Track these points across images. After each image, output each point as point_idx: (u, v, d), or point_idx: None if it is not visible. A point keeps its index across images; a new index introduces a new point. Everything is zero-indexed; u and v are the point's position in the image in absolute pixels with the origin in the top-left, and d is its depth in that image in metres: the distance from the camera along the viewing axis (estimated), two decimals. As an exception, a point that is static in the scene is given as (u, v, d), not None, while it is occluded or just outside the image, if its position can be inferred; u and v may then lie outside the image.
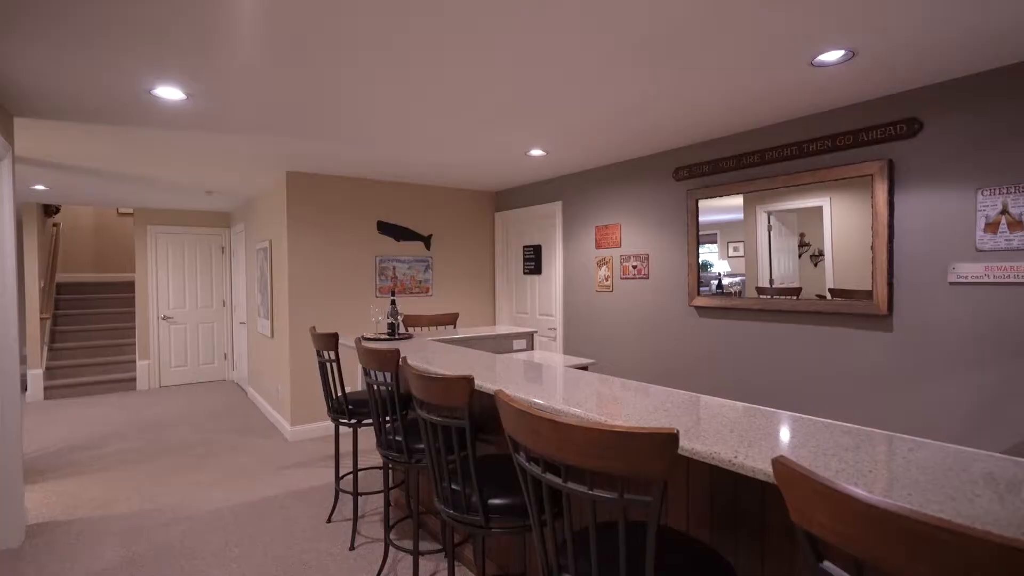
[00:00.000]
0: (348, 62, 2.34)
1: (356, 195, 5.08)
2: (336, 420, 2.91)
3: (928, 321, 2.68)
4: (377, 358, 2.14)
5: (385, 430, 2.30)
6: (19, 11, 1.87)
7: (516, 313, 5.77)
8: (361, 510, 3.27)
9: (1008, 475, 0.96)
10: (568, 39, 2.14)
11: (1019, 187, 2.38)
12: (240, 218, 6.89)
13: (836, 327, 3.06)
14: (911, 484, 0.93)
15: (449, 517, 1.64)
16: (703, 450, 1.13)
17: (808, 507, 0.70)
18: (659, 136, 3.64)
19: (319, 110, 3.00)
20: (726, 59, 2.35)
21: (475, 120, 3.23)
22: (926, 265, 2.68)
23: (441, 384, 1.56)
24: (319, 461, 4.18)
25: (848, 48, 2.24)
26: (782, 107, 3.01)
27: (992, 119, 2.46)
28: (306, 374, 4.81)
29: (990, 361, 2.48)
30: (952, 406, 2.61)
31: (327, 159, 4.26)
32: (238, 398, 6.48)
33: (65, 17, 1.92)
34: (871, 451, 1.10)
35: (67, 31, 2.02)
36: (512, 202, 5.75)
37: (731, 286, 3.60)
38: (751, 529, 1.34)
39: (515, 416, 1.12)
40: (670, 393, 1.65)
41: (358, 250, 5.09)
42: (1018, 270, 2.38)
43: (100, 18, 1.93)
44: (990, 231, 2.47)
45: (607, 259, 4.56)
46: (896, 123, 2.76)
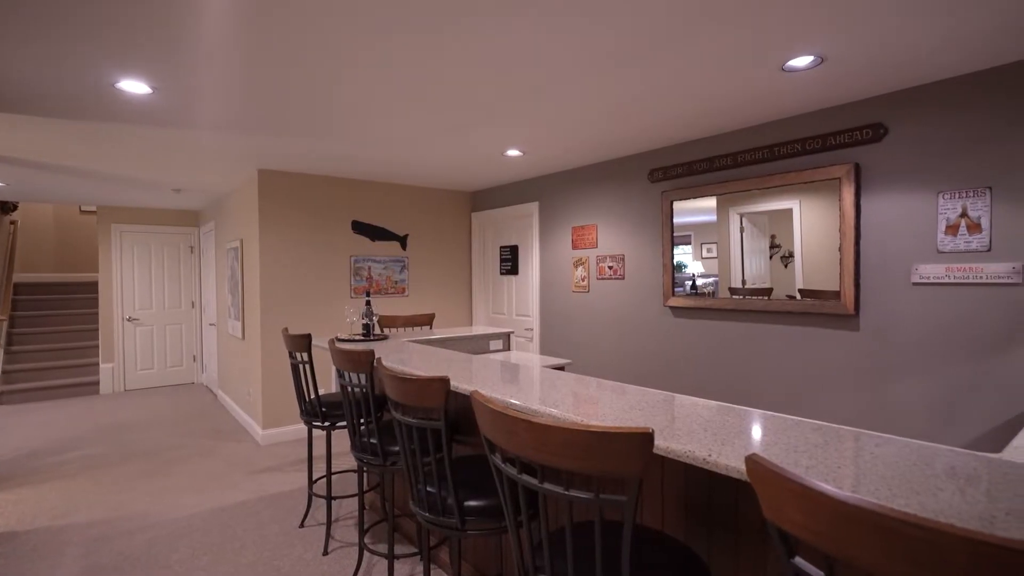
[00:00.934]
0: (321, 58, 2.30)
1: (330, 194, 5.00)
2: (309, 423, 2.85)
3: (893, 320, 2.76)
4: (351, 359, 2.11)
5: (359, 432, 2.27)
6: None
7: (493, 313, 5.76)
8: (335, 514, 3.22)
9: (969, 469, 0.99)
10: (544, 41, 2.14)
11: (977, 191, 2.47)
12: (210, 217, 6.72)
13: (806, 327, 3.13)
14: (878, 479, 0.95)
15: (425, 520, 1.62)
16: (678, 449, 1.14)
17: (780, 504, 0.70)
18: (634, 138, 3.67)
19: (291, 107, 2.95)
20: (699, 63, 2.38)
21: (451, 120, 3.21)
22: (890, 266, 2.76)
23: (416, 385, 1.54)
24: (291, 465, 4.10)
25: (817, 54, 2.30)
26: (754, 111, 3.07)
27: (952, 126, 2.55)
28: (278, 376, 4.71)
29: (951, 359, 2.57)
30: (916, 402, 2.69)
31: (300, 157, 4.19)
32: (207, 401, 6.31)
33: (21, 4, 1.84)
34: (839, 448, 1.13)
35: (24, 20, 1.94)
36: (489, 202, 5.74)
37: (705, 287, 3.66)
38: (725, 526, 1.35)
39: (491, 417, 1.11)
40: (645, 393, 1.66)
41: (332, 250, 5.02)
42: (976, 271, 2.48)
43: (59, 6, 1.85)
44: (950, 233, 2.55)
45: (583, 260, 4.58)
46: (862, 128, 2.84)
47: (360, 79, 2.55)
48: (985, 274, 2.45)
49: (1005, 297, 2.41)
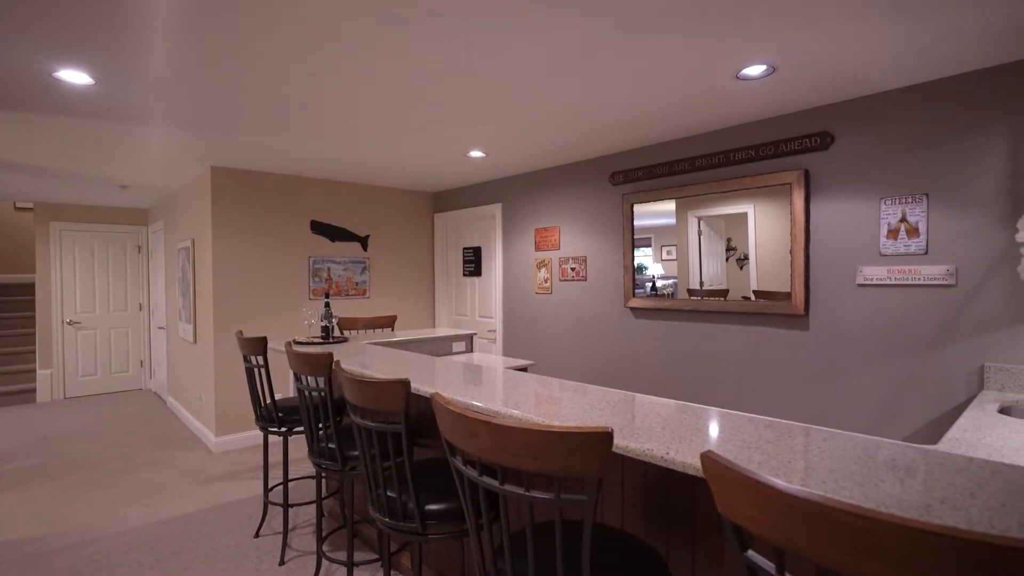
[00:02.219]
0: (275, 52, 2.24)
1: (288, 193, 4.87)
2: (265, 429, 2.76)
3: (839, 320, 2.89)
4: (309, 362, 2.05)
5: (318, 438, 2.21)
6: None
7: (456, 315, 5.72)
8: (292, 522, 3.12)
9: (908, 461, 1.04)
10: (504, 41, 2.15)
11: (915, 197, 2.62)
12: (159, 215, 6.44)
13: (759, 326, 3.24)
14: (825, 472, 0.99)
15: (385, 525, 1.59)
16: (637, 447, 1.15)
17: (733, 498, 0.72)
18: (596, 141, 3.72)
19: (245, 102, 2.85)
20: (657, 68, 2.43)
21: (413, 119, 3.18)
22: (837, 268, 2.89)
23: (376, 388, 1.51)
24: (246, 473, 3.96)
25: (769, 64, 2.38)
26: (711, 117, 3.16)
27: (892, 135, 2.70)
28: (232, 381, 4.55)
29: (892, 356, 2.71)
30: (861, 398, 2.82)
31: (256, 154, 4.06)
32: (156, 408, 6.04)
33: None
34: (790, 443, 1.17)
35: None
36: (452, 203, 5.71)
37: (664, 288, 3.74)
38: (682, 522, 1.38)
39: (451, 419, 1.10)
40: (606, 393, 1.68)
41: (290, 250, 4.88)
42: (915, 272, 2.62)
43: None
44: (891, 237, 2.69)
45: (546, 261, 4.61)
46: (811, 136, 2.96)
47: (317, 76, 2.49)
48: (922, 276, 2.60)
49: (940, 298, 2.56)
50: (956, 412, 2.53)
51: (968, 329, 2.48)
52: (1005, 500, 0.85)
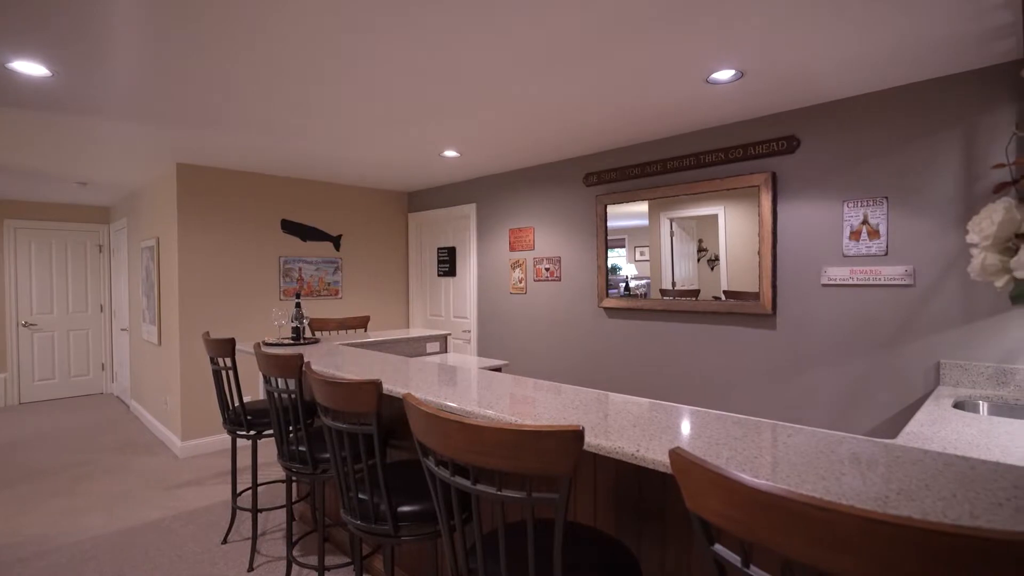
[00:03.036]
0: (243, 48, 2.19)
1: (258, 191, 4.76)
2: (233, 432, 2.70)
3: (805, 319, 2.97)
4: (278, 364, 2.01)
5: (288, 441, 2.17)
6: None
7: (430, 315, 5.69)
8: (262, 527, 3.06)
9: (868, 454, 1.08)
10: (475, 41, 2.15)
11: (876, 200, 2.71)
12: (122, 213, 6.23)
13: (729, 326, 3.30)
14: (789, 467, 1.02)
15: (357, 528, 1.57)
16: (608, 445, 1.16)
17: (701, 494, 0.74)
18: (570, 142, 3.75)
19: (212, 97, 2.78)
20: (629, 70, 2.47)
21: (384, 118, 3.14)
22: (803, 269, 2.97)
23: (347, 389, 1.49)
24: (214, 478, 3.86)
25: (737, 69, 2.44)
26: (682, 120, 3.21)
27: (855, 140, 2.79)
28: (199, 384, 4.43)
29: (855, 354, 2.80)
30: (825, 394, 2.91)
31: (224, 151, 3.96)
32: (119, 413, 5.84)
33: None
34: (757, 439, 1.19)
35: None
36: (426, 203, 5.67)
37: (637, 288, 3.79)
38: (653, 519, 1.40)
39: (423, 419, 1.10)
40: (579, 392, 1.69)
41: (260, 250, 4.78)
42: (876, 273, 2.71)
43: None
44: (854, 239, 2.78)
45: (521, 261, 4.62)
46: (778, 139, 3.04)
47: (286, 73, 2.45)
48: (883, 276, 2.69)
49: (899, 297, 2.65)
50: (914, 407, 2.63)
51: (925, 327, 2.58)
52: (956, 490, 0.89)
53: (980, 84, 2.42)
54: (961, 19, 1.99)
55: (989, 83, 2.40)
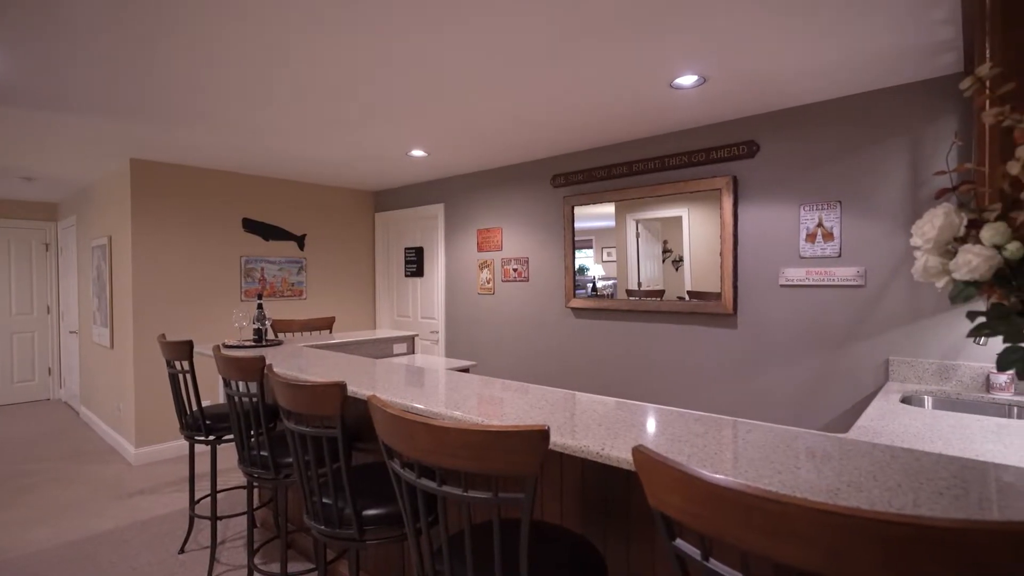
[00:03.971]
0: (201, 40, 2.12)
1: (218, 189, 4.62)
2: (191, 438, 2.61)
3: (764, 319, 3.07)
4: (238, 367, 1.96)
5: (249, 446, 2.11)
6: None
7: (397, 316, 5.63)
8: (221, 535, 2.97)
9: (822, 449, 1.12)
10: (438, 42, 2.14)
11: (830, 204, 2.82)
12: (71, 210, 5.94)
13: (693, 325, 3.38)
14: (747, 462, 1.05)
15: (321, 533, 1.54)
16: (574, 445, 1.18)
17: (662, 490, 0.75)
18: (537, 144, 3.77)
19: (168, 91, 2.69)
20: (594, 73, 2.50)
21: (349, 116, 3.10)
22: (762, 270, 3.07)
23: (310, 392, 1.47)
24: (170, 486, 3.72)
25: (700, 74, 2.50)
26: (647, 123, 3.27)
27: (811, 146, 2.89)
28: (154, 388, 4.26)
29: (810, 352, 2.91)
30: (783, 391, 3.01)
31: (181, 147, 3.83)
32: (67, 420, 5.56)
33: None
34: (717, 435, 1.23)
35: None
36: (393, 203, 5.61)
37: (604, 288, 3.84)
38: (618, 516, 1.42)
39: (388, 421, 1.08)
40: (546, 392, 1.70)
41: (220, 249, 4.63)
42: (830, 274, 2.82)
43: None
44: (809, 241, 2.89)
45: (489, 262, 4.62)
46: (739, 144, 3.13)
47: (247, 67, 2.38)
48: (836, 277, 2.80)
49: (851, 297, 2.77)
50: (865, 402, 2.75)
51: (875, 326, 2.70)
52: (902, 481, 0.93)
53: (925, 95, 2.55)
54: (908, 32, 2.09)
55: (933, 94, 2.53)
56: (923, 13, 1.95)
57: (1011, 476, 0.94)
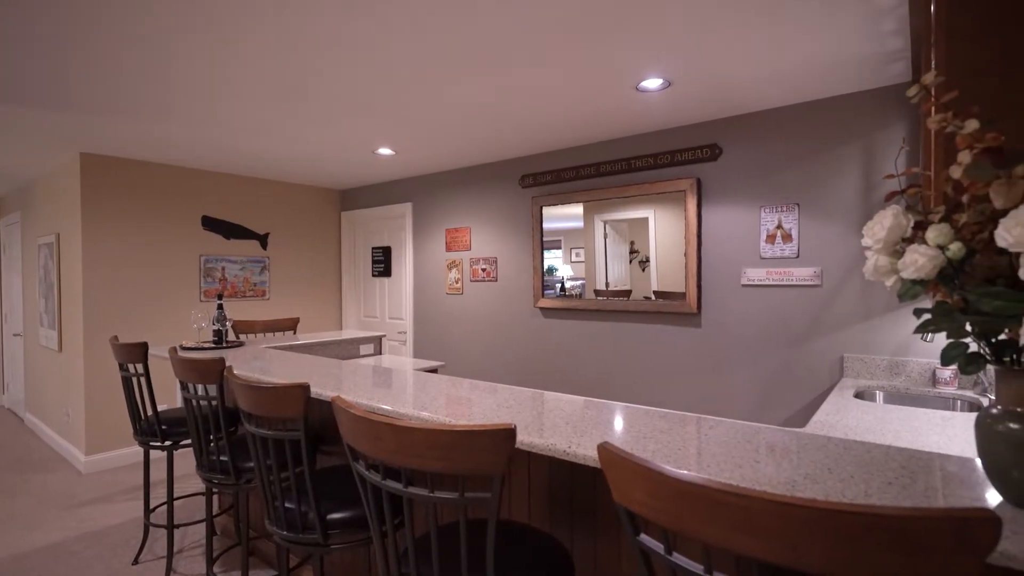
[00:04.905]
0: (157, 29, 2.04)
1: (176, 185, 4.45)
2: (146, 444, 2.51)
3: (727, 318, 3.15)
4: (196, 369, 1.89)
5: (208, 450, 2.04)
6: None
7: (364, 317, 5.54)
8: (179, 544, 2.86)
9: (782, 443, 1.15)
10: (402, 39, 2.12)
11: (789, 206, 2.91)
12: (14, 206, 5.63)
13: (659, 324, 3.44)
14: (710, 457, 1.08)
15: (283, 539, 1.50)
16: (541, 443, 1.18)
17: (627, 486, 0.76)
18: (505, 144, 3.77)
19: (121, 81, 2.58)
20: (561, 74, 2.52)
21: (313, 112, 3.03)
22: (725, 270, 3.15)
23: (271, 394, 1.43)
24: (124, 494, 3.57)
25: (665, 78, 2.55)
26: (614, 125, 3.31)
27: (770, 149, 2.98)
28: (106, 393, 4.08)
29: (771, 349, 3.00)
30: (745, 387, 3.09)
31: (136, 141, 3.67)
32: (10, 427, 5.27)
33: None
34: (682, 432, 1.25)
35: None
36: (360, 201, 5.52)
37: (573, 289, 3.87)
38: (585, 514, 1.43)
39: (353, 423, 1.07)
40: (514, 391, 1.70)
41: (178, 248, 4.47)
42: (789, 274, 2.91)
43: None
44: (770, 242, 2.98)
45: (457, 262, 4.60)
46: (702, 147, 3.20)
47: (207, 60, 2.31)
48: (794, 277, 2.90)
49: (809, 296, 2.87)
50: (822, 397, 2.85)
51: (831, 324, 2.80)
52: (855, 472, 0.97)
53: (877, 102, 2.66)
54: (861, 43, 2.18)
55: (884, 102, 2.64)
56: (874, 25, 2.03)
57: (954, 466, 0.99)
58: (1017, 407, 0.80)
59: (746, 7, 1.90)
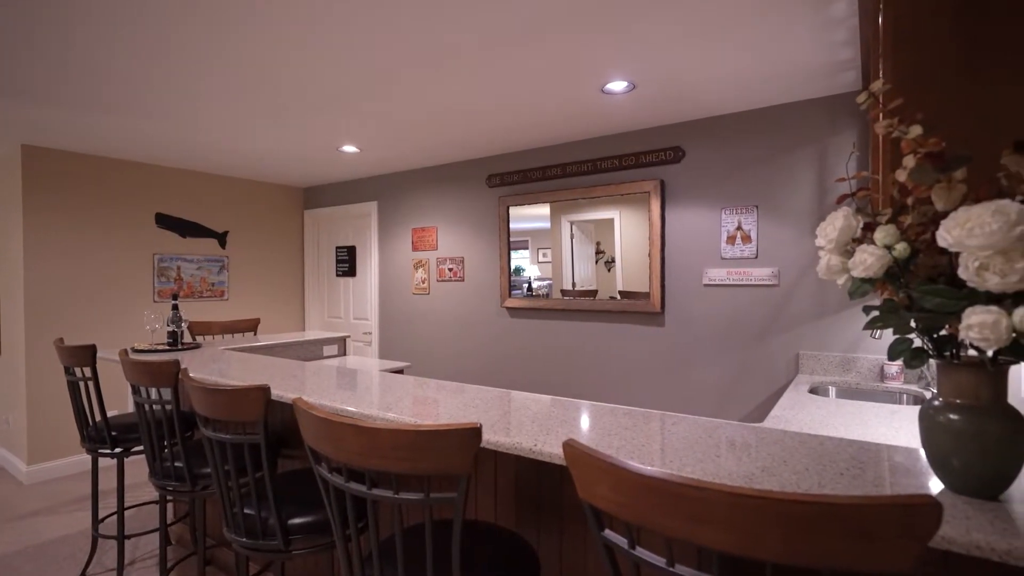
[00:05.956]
0: (109, 14, 1.95)
1: (128, 181, 4.26)
2: (94, 451, 2.39)
3: (689, 317, 3.22)
4: (149, 372, 1.81)
5: (162, 457, 1.96)
6: None
7: (328, 318, 5.43)
8: (130, 556, 2.74)
9: (741, 438, 1.19)
10: (369, 35, 2.09)
11: (748, 208, 3.00)
12: (-52, 201, 5.28)
13: (624, 324, 3.50)
14: (673, 452, 1.10)
15: (242, 546, 1.46)
16: (507, 442, 1.18)
17: (592, 482, 0.77)
18: (472, 143, 3.76)
19: (68, 70, 2.45)
20: (529, 76, 2.52)
21: (274, 107, 2.95)
22: (687, 270, 3.22)
23: (230, 397, 1.38)
24: (70, 504, 3.40)
25: (630, 81, 2.59)
26: (580, 126, 3.35)
27: (732, 153, 3.07)
28: (50, 398, 3.88)
29: (731, 347, 3.08)
30: (707, 385, 3.17)
31: (84, 134, 3.50)
32: (-57, 436, 4.93)
33: None
34: (646, 428, 1.27)
35: None
36: (324, 200, 5.41)
37: (540, 288, 3.89)
38: (552, 512, 1.44)
39: (315, 424, 1.04)
40: (482, 391, 1.70)
41: (130, 247, 4.28)
42: (748, 274, 3.00)
43: None
44: (730, 243, 3.06)
45: (424, 262, 4.56)
46: (666, 150, 3.27)
47: (162, 49, 2.22)
48: (753, 277, 2.99)
49: (767, 296, 2.96)
50: (779, 393, 2.95)
51: (787, 322, 2.90)
52: (809, 464, 1.00)
53: (830, 109, 2.77)
54: (816, 51, 2.26)
55: (837, 108, 2.76)
56: (828, 35, 2.11)
57: (900, 456, 1.04)
58: (956, 399, 0.85)
59: (707, 15, 1.95)
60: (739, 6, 1.90)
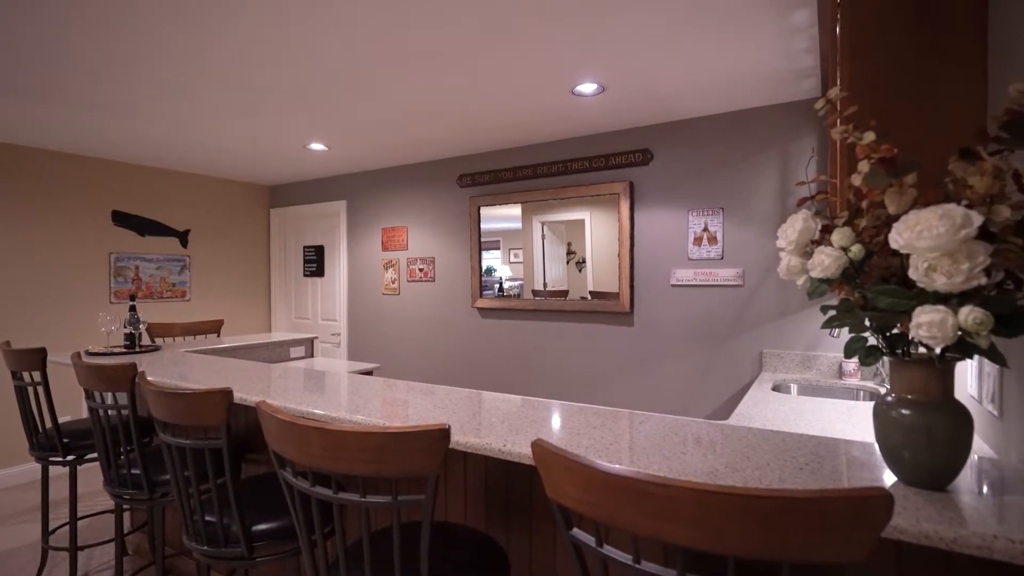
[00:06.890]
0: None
1: (82, 177, 4.09)
2: (44, 459, 2.28)
3: (657, 316, 3.28)
4: (103, 376, 1.74)
5: (117, 464, 1.88)
6: None
7: (296, 319, 5.32)
8: (84, 568, 2.62)
9: (707, 435, 1.21)
10: (337, 33, 2.05)
11: (714, 210, 3.07)
12: None
13: (594, 323, 3.53)
14: (640, 451, 1.11)
15: (203, 555, 1.41)
16: (476, 442, 1.18)
17: (560, 482, 0.77)
18: (443, 143, 3.74)
19: (15, 57, 2.33)
20: (499, 77, 2.53)
21: (239, 102, 2.88)
22: (656, 270, 3.28)
23: (190, 401, 1.34)
24: (18, 516, 3.23)
25: (599, 83, 2.61)
26: (551, 127, 3.37)
27: (698, 156, 3.13)
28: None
29: (698, 346, 3.15)
30: (674, 383, 3.23)
31: (32, 127, 3.34)
32: None
33: None
34: (614, 427, 1.28)
35: None
36: (291, 198, 5.30)
37: (511, 289, 3.89)
38: (521, 512, 1.44)
39: (279, 428, 1.02)
40: (452, 392, 1.69)
41: (84, 245, 4.11)
42: (714, 275, 3.07)
43: None
44: (697, 244, 3.13)
45: (394, 262, 4.51)
46: (634, 152, 3.32)
47: (119, 41, 2.13)
48: (719, 277, 3.06)
49: (732, 296, 3.03)
50: (743, 391, 3.02)
51: (751, 322, 2.98)
52: (770, 460, 1.03)
53: (792, 114, 2.86)
54: (778, 58, 2.33)
55: (798, 114, 2.84)
56: (788, 43, 2.18)
57: (857, 450, 1.08)
58: (907, 394, 0.88)
59: (675, 19, 1.99)
60: (705, 13, 1.94)
